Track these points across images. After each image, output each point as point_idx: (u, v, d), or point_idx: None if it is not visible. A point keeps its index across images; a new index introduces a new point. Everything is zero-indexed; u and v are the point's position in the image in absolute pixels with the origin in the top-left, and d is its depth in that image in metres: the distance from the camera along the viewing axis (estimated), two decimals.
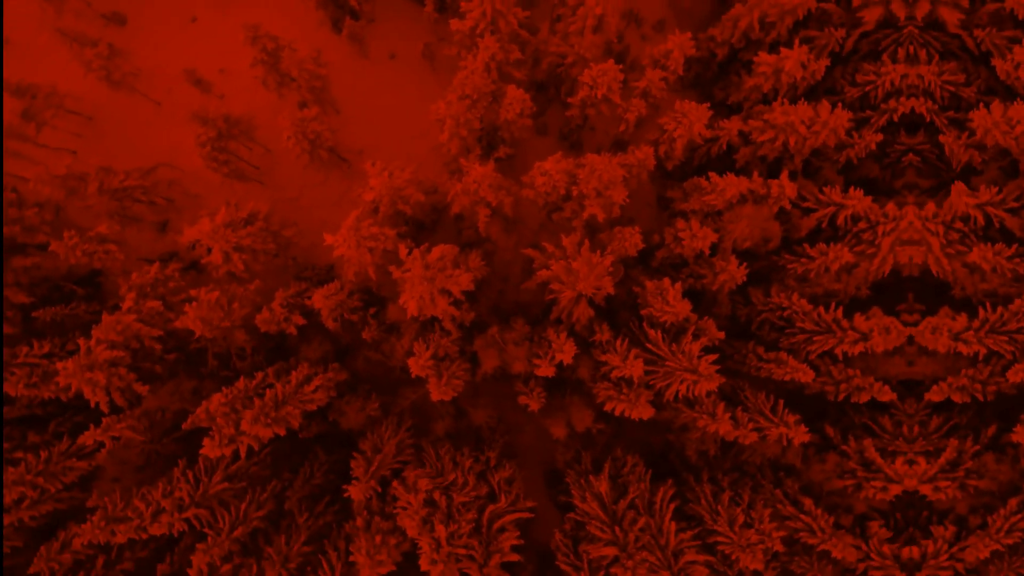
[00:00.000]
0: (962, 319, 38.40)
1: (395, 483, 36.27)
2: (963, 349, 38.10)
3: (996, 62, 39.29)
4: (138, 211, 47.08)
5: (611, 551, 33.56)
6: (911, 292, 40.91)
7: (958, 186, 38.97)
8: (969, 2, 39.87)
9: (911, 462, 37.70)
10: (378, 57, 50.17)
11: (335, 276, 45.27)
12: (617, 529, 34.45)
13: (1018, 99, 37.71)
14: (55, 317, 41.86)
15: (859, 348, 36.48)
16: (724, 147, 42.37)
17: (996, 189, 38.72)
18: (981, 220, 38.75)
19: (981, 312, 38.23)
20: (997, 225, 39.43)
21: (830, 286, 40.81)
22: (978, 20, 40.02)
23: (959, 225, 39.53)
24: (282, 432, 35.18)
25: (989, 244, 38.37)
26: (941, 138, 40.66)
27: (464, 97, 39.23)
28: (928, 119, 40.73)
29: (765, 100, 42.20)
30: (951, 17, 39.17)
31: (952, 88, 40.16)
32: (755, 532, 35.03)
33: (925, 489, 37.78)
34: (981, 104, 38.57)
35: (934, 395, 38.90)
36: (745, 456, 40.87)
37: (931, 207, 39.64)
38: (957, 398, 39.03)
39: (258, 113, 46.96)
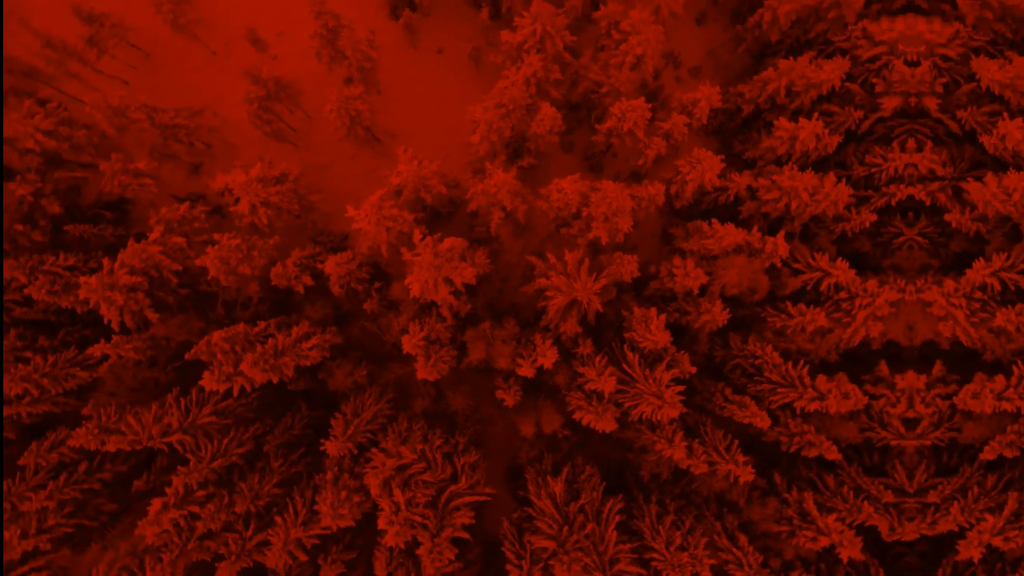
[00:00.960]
0: (1000, 380, 41.20)
1: (374, 449, 39.36)
2: (1007, 407, 40.83)
3: (983, 138, 42.38)
4: (176, 149, 50.31)
5: (551, 544, 36.76)
6: (942, 361, 44.11)
7: (979, 262, 41.79)
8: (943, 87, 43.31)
9: (842, 519, 40.87)
10: (427, 49, 53.35)
11: (348, 246, 48.68)
12: (565, 529, 37.61)
13: (1011, 169, 41.03)
14: (83, 234, 45.05)
15: (815, 406, 39.62)
16: (731, 198, 45.55)
17: (1005, 255, 41.81)
18: (998, 286, 41.70)
19: (1016, 370, 41.06)
20: (1012, 288, 42.45)
21: (803, 345, 44.02)
22: (957, 101, 43.42)
23: (978, 295, 42.49)
24: (275, 380, 38.41)
25: (1010, 306, 41.36)
26: (947, 216, 43.65)
27: (501, 106, 42.41)
28: (928, 203, 43.95)
29: (778, 162, 45.35)
30: (931, 103, 42.59)
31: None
32: (688, 556, 38.25)
33: (996, 541, 40.44)
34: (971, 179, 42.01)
35: (987, 454, 41.75)
36: (694, 486, 44.05)
37: (950, 284, 42.65)
38: (1008, 453, 41.83)
39: (305, 80, 50.36)
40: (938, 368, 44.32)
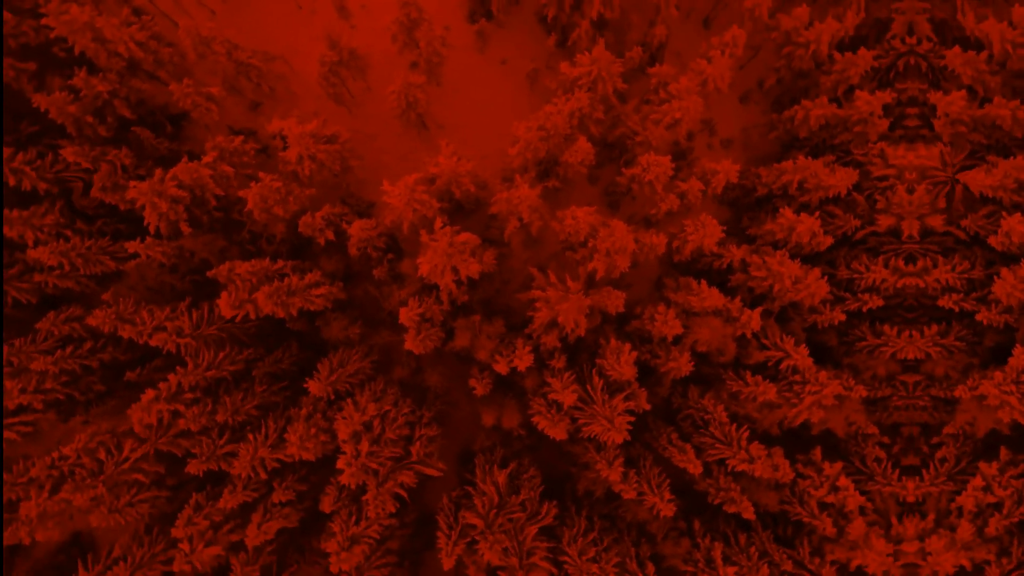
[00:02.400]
0: None
1: (348, 400, 44.36)
2: None
3: (991, 240, 47.35)
4: (243, 85, 55.51)
5: (481, 523, 41.75)
6: (1006, 447, 48.71)
7: (1018, 349, 46.24)
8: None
9: (741, 574, 45.87)
10: (492, 57, 58.52)
11: (373, 214, 53.76)
12: (493, 512, 42.61)
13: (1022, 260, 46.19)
14: (143, 140, 50.02)
15: (744, 467, 44.65)
16: (725, 266, 50.60)
17: None
18: None
19: None
20: None
21: (752, 413, 49.02)
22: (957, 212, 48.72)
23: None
24: (281, 315, 43.40)
25: None
26: (978, 316, 47.99)
27: (543, 129, 47.47)
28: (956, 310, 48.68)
29: (775, 245, 50.43)
30: (935, 221, 47.90)
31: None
32: (597, 568, 43.22)
33: None
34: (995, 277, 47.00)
35: None
36: (620, 511, 49.09)
37: (998, 375, 46.42)
38: None
39: (375, 55, 55.76)
40: (1004, 453, 48.71)
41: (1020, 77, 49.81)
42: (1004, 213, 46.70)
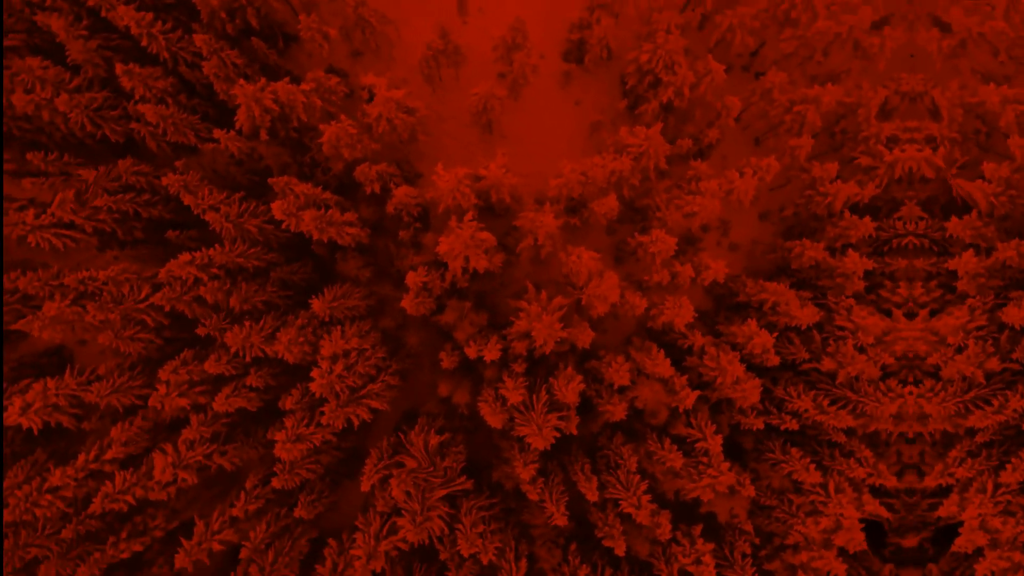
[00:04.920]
0: None
1: (338, 327, 53.45)
2: None
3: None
4: (355, 35, 64.60)
5: (412, 462, 50.85)
6: None
7: None
8: None
9: None
10: (569, 95, 67.85)
11: (418, 185, 62.86)
12: (425, 466, 51.77)
13: None
14: (256, 49, 59.10)
15: (631, 511, 53.73)
16: (687, 346, 59.75)
17: None
18: None
19: None
20: None
21: (657, 474, 58.12)
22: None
23: None
24: (315, 237, 52.50)
25: None
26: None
27: (583, 175, 56.67)
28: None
29: (733, 346, 59.56)
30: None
31: None
32: (479, 537, 52.28)
33: None
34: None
35: None
36: (517, 508, 58.16)
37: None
38: None
39: (473, 54, 64.85)
40: None
41: (1006, 220, 59.43)
42: None
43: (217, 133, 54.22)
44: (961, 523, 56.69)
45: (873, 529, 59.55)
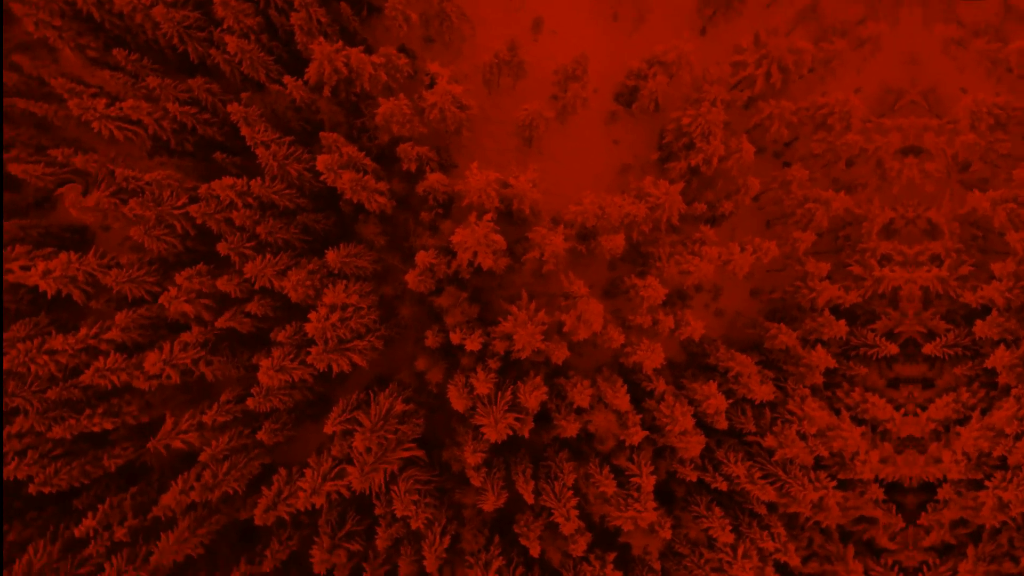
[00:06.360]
0: None
1: (343, 282, 59.17)
2: None
3: None
4: (432, 23, 70.40)
5: (367, 422, 56.45)
6: None
7: None
8: None
9: None
10: (610, 132, 73.72)
11: (451, 175, 68.65)
12: (381, 422, 57.35)
13: None
14: (342, 13, 64.92)
15: (560, 521, 59.32)
16: (649, 390, 65.34)
17: None
18: None
19: None
20: None
21: (590, 496, 63.70)
22: None
23: None
24: (347, 195, 58.21)
25: None
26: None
27: (601, 208, 62.42)
28: None
29: (691, 401, 65.17)
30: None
31: None
32: (414, 508, 57.88)
33: None
34: None
35: None
36: (457, 490, 63.72)
37: None
38: None
39: (535, 71, 70.85)
40: None
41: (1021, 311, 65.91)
42: None
43: (287, 79, 59.99)
44: None
45: None
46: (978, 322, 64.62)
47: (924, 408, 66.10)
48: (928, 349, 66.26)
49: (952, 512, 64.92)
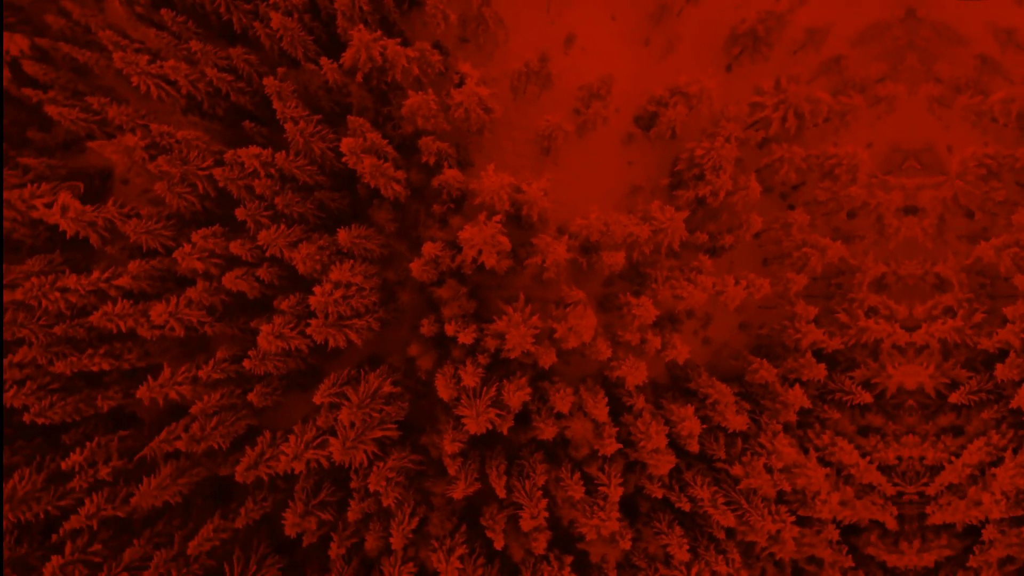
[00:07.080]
0: None
1: (350, 261, 61.97)
2: None
3: None
4: (469, 25, 73.28)
5: (354, 400, 59.20)
6: None
7: None
8: None
9: None
10: (626, 154, 76.57)
11: (466, 173, 71.44)
12: (368, 400, 60.14)
13: None
14: (384, 2, 67.82)
15: (525, 517, 62.16)
16: (629, 406, 68.08)
17: None
18: None
19: None
20: None
21: (558, 499, 66.44)
22: None
23: None
24: (365, 179, 61.02)
25: None
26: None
27: (606, 225, 65.21)
28: None
29: (666, 421, 67.95)
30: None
31: None
32: (388, 488, 60.59)
33: None
34: None
35: None
36: (430, 481, 66.54)
37: None
38: None
39: (561, 84, 73.69)
40: None
41: None
42: None
43: (323, 60, 62.86)
44: None
45: None
46: (998, 366, 67.66)
47: (958, 455, 69.42)
48: (954, 398, 69.40)
49: (999, 551, 68.08)
